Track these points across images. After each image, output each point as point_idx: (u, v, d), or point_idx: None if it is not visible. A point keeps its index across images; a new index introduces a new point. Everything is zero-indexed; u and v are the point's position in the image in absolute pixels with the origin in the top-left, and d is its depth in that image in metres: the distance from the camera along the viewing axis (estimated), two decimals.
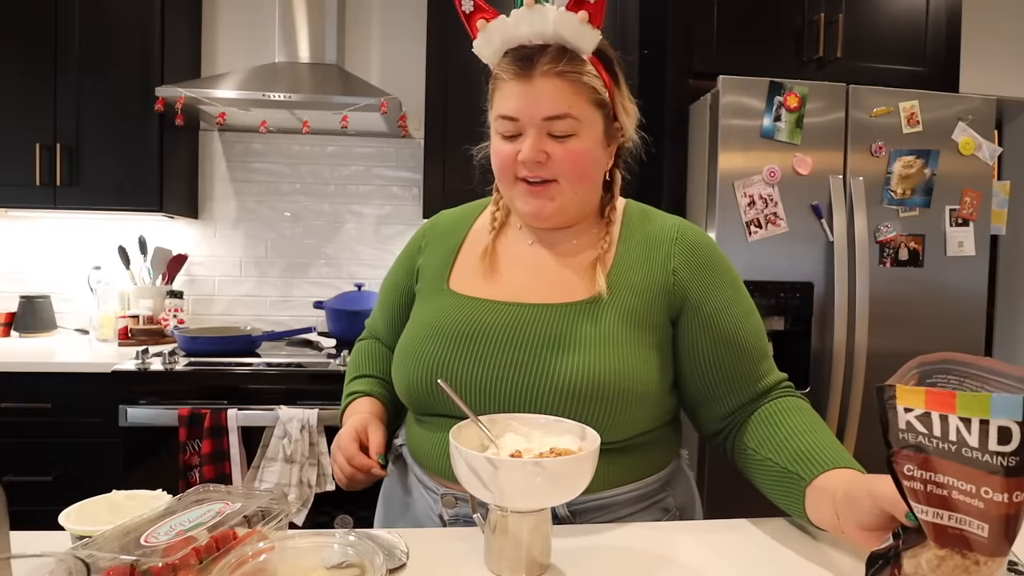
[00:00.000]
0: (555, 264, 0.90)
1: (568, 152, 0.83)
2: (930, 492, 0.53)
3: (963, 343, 2.07)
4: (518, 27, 0.83)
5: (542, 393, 0.81)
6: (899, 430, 0.55)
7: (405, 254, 1.04)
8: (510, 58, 0.84)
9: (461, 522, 0.85)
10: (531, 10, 0.81)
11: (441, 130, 2.32)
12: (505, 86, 0.84)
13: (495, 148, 0.87)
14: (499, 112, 0.84)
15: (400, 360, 0.91)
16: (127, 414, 1.88)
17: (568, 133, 0.82)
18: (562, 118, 0.81)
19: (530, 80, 0.81)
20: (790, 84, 1.95)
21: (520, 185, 0.86)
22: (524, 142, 0.83)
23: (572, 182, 0.85)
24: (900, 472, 0.55)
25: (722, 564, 0.75)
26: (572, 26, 0.81)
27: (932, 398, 0.53)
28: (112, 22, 2.22)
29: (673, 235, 0.90)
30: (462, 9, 0.87)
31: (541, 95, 0.81)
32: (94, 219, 2.55)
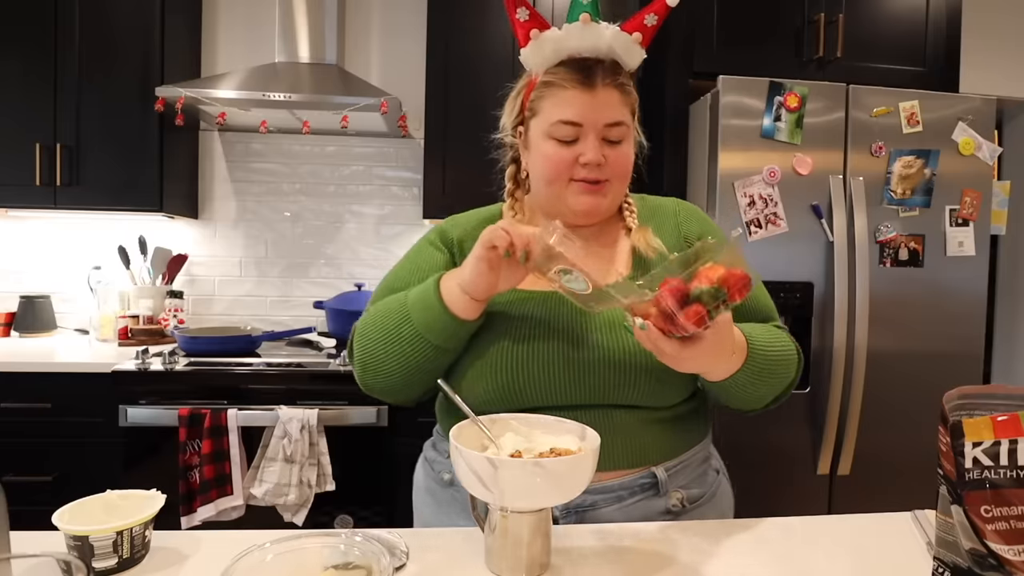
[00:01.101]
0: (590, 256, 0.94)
1: (620, 156, 0.91)
2: (1016, 528, 0.51)
3: (963, 343, 2.07)
4: (570, 40, 0.90)
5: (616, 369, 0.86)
6: (965, 470, 0.53)
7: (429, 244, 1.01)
8: (568, 68, 0.90)
9: (573, 513, 0.88)
10: (586, 26, 0.89)
11: (441, 130, 2.32)
12: (566, 93, 0.89)
13: (548, 152, 0.91)
14: (560, 118, 0.89)
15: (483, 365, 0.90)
16: (127, 414, 1.88)
17: (620, 139, 0.91)
18: (618, 125, 0.90)
19: (593, 89, 0.88)
20: (790, 84, 1.95)
21: (574, 185, 0.92)
22: (585, 145, 0.89)
23: (620, 182, 0.94)
24: (977, 515, 0.53)
25: (722, 564, 0.75)
26: (625, 44, 0.90)
27: (1000, 426, 0.51)
28: (112, 22, 2.22)
29: (675, 208, 1.02)
30: (516, 17, 0.94)
31: (603, 104, 0.88)
32: (94, 219, 2.55)
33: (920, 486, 2.00)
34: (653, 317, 0.70)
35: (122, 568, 0.70)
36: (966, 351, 2.08)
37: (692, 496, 0.92)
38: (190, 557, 0.74)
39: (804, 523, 0.87)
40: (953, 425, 0.56)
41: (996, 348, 2.94)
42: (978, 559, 0.55)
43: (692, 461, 0.94)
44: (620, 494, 0.88)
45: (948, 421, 0.57)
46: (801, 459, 2.00)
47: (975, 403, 0.57)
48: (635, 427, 0.89)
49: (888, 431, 2.01)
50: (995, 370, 2.94)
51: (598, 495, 0.88)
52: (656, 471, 0.89)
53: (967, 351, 2.08)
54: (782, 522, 0.88)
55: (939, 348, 2.05)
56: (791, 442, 2.00)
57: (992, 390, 0.58)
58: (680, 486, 0.91)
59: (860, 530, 0.85)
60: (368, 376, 0.93)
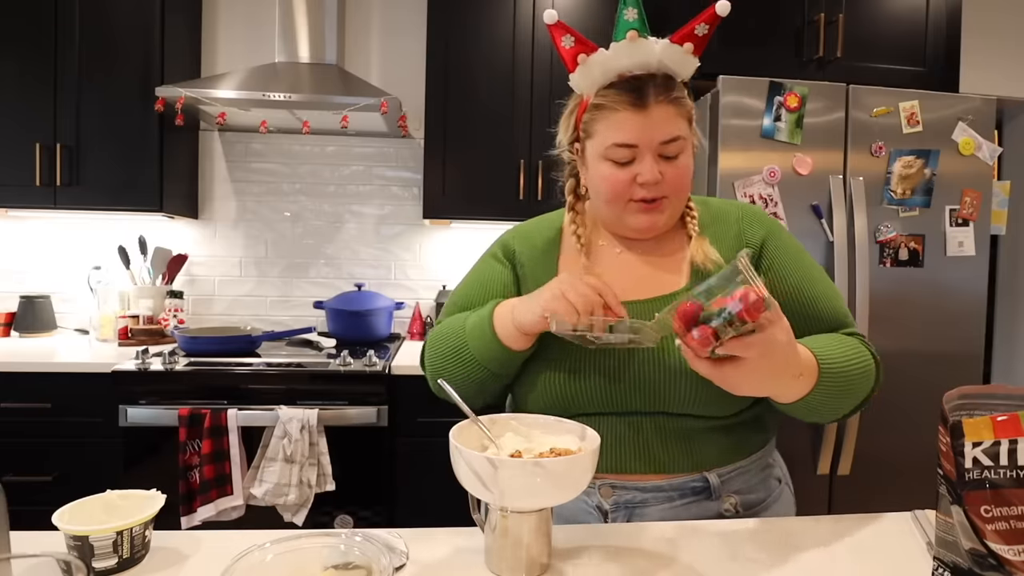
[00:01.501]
0: (649, 266, 0.97)
1: (678, 170, 0.90)
2: (1016, 528, 0.51)
3: (963, 343, 2.07)
4: (619, 59, 0.88)
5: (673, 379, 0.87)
6: (965, 471, 0.53)
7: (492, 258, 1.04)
8: (618, 89, 0.88)
9: (623, 509, 0.90)
10: (634, 43, 0.86)
11: (441, 130, 2.32)
12: (618, 116, 0.88)
13: (605, 174, 0.91)
14: (615, 141, 0.89)
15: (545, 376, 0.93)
16: (127, 414, 1.88)
17: (677, 153, 0.89)
18: (675, 140, 0.88)
19: (646, 109, 0.87)
20: (790, 84, 1.95)
21: (632, 205, 0.92)
22: (642, 166, 0.88)
23: (679, 197, 0.93)
24: (977, 515, 0.53)
25: (722, 563, 0.75)
26: (677, 56, 0.88)
27: (999, 426, 0.51)
28: (112, 22, 2.22)
29: (739, 214, 0.99)
30: (562, 45, 0.91)
31: (657, 122, 0.87)
32: (94, 219, 2.55)
33: (920, 486, 2.00)
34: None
35: (122, 568, 0.70)
36: (966, 351, 2.08)
37: (748, 502, 0.92)
38: (190, 557, 0.74)
39: (804, 523, 0.87)
40: (953, 425, 0.56)
41: (996, 348, 2.94)
42: (978, 559, 0.55)
43: (751, 468, 0.94)
44: (671, 495, 0.89)
45: (948, 421, 0.57)
46: (801, 459, 2.00)
47: (975, 403, 0.57)
48: (691, 434, 0.90)
49: (888, 431, 2.02)
50: (995, 370, 2.94)
51: (649, 493, 0.89)
52: (709, 476, 0.90)
53: (967, 351, 2.08)
54: (782, 522, 0.88)
55: (939, 348, 2.05)
56: (791, 442, 1.99)
57: (992, 390, 0.58)
58: (735, 491, 0.91)
59: (860, 530, 0.85)
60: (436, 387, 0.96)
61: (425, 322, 2.62)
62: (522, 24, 2.32)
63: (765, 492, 0.95)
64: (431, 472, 2.02)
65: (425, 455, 2.03)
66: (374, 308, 2.37)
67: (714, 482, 0.90)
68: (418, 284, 2.70)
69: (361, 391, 1.95)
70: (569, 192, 1.02)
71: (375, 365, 1.97)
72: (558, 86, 2.33)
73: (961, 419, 0.56)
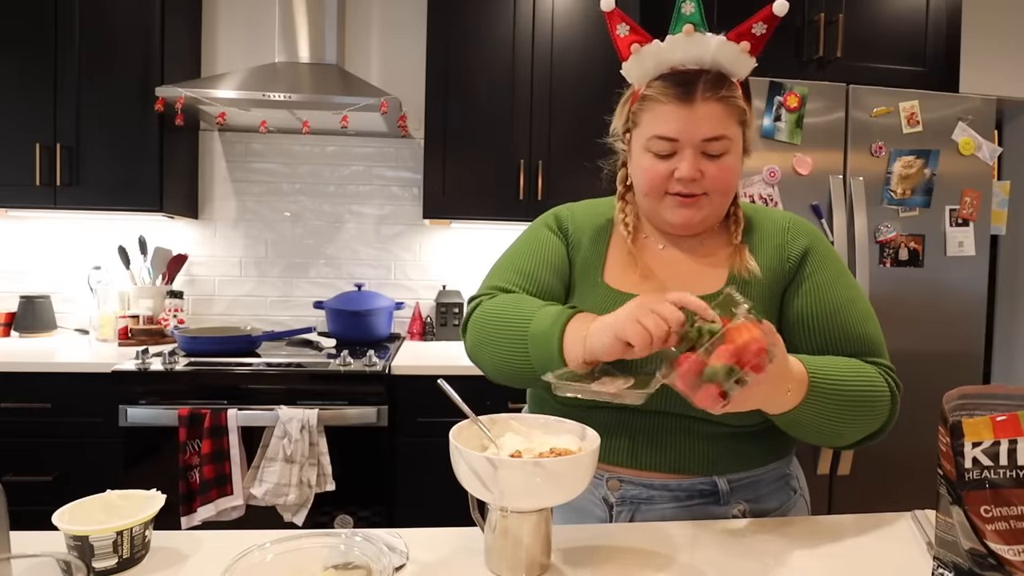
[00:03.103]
0: (693, 264, 0.96)
1: (720, 170, 0.88)
2: (1016, 528, 0.51)
3: (963, 343, 2.07)
4: (673, 52, 0.87)
5: None
6: (965, 471, 0.53)
7: (546, 227, 1.02)
8: (667, 82, 0.87)
9: (628, 504, 0.89)
10: (691, 38, 0.86)
11: (441, 130, 2.32)
12: (663, 108, 0.87)
13: (645, 166, 0.90)
14: (656, 133, 0.88)
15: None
16: (127, 414, 1.88)
17: (721, 152, 0.87)
18: (719, 139, 0.86)
19: (692, 104, 0.85)
20: (790, 84, 1.95)
21: (669, 199, 0.91)
22: (681, 161, 0.87)
23: (720, 195, 0.90)
24: (977, 515, 0.53)
25: (722, 563, 0.75)
26: (732, 55, 0.86)
27: (999, 426, 0.51)
28: (112, 22, 2.22)
29: (785, 226, 0.97)
30: (616, 33, 0.90)
31: (702, 119, 0.85)
32: (94, 219, 2.55)
33: (920, 486, 2.00)
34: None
35: (122, 568, 0.70)
36: (966, 351, 2.08)
37: (760, 510, 0.91)
38: (190, 557, 0.74)
39: (804, 523, 0.87)
40: (953, 425, 0.56)
41: (996, 348, 2.94)
42: (978, 559, 0.55)
43: (765, 477, 0.93)
44: (678, 494, 0.89)
45: (948, 421, 0.57)
46: (801, 459, 1.99)
47: (975, 403, 0.57)
48: (712, 438, 0.89)
49: None
50: (995, 370, 2.94)
51: (656, 491, 0.89)
52: (718, 480, 0.89)
53: (967, 351, 2.08)
54: (782, 522, 0.88)
55: (939, 348, 2.05)
56: None
57: (992, 390, 0.58)
58: (745, 499, 0.91)
59: (860, 530, 0.85)
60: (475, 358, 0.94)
61: (425, 322, 2.62)
62: (522, 24, 2.32)
63: (778, 502, 0.94)
64: (431, 472, 2.02)
65: (425, 455, 2.03)
66: (374, 308, 2.37)
67: (723, 487, 0.89)
68: (418, 284, 2.70)
69: (361, 391, 1.95)
70: (620, 182, 1.01)
71: (375, 365, 1.97)
72: (558, 86, 2.33)
73: (961, 419, 0.56)
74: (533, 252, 0.98)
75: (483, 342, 0.90)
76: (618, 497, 0.90)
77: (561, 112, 2.34)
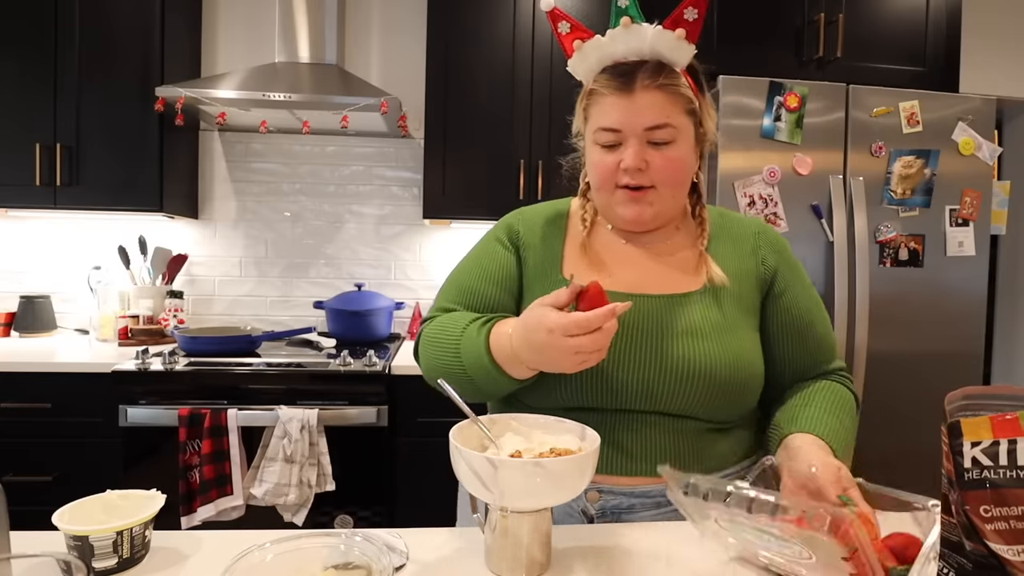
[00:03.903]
0: (656, 261, 0.96)
1: (666, 160, 0.88)
2: (1016, 529, 0.51)
3: (963, 343, 2.07)
4: (614, 45, 0.88)
5: (677, 380, 0.86)
6: (964, 470, 0.53)
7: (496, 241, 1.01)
8: (608, 74, 0.88)
9: (609, 515, 0.88)
10: (628, 30, 0.87)
11: (441, 130, 2.32)
12: (605, 100, 0.88)
13: (595, 160, 0.91)
14: (600, 125, 0.89)
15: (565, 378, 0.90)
16: (127, 414, 1.88)
17: (667, 141, 0.88)
18: (662, 127, 0.87)
19: (632, 94, 0.86)
20: (790, 84, 1.95)
21: (619, 193, 0.91)
22: (626, 151, 0.87)
23: (669, 188, 0.90)
24: (977, 515, 0.53)
25: (723, 563, 0.75)
26: (669, 43, 0.87)
27: (998, 425, 0.51)
28: (112, 22, 2.22)
29: (756, 230, 0.99)
30: (558, 31, 0.92)
31: (642, 107, 0.86)
32: (94, 219, 2.55)
33: (920, 486, 2.00)
34: None
35: (122, 568, 0.70)
36: (966, 351, 2.08)
37: None
38: (190, 557, 0.74)
39: None
40: (951, 425, 0.55)
41: (996, 348, 2.94)
42: (979, 559, 0.55)
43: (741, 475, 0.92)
44: (659, 500, 0.88)
45: (947, 421, 0.56)
46: None
47: (978, 404, 0.57)
48: (684, 436, 0.89)
49: (888, 431, 2.02)
50: (995, 370, 2.94)
51: (636, 499, 0.88)
52: None
53: (967, 351, 2.08)
54: None
55: (939, 348, 2.05)
56: None
57: (996, 391, 0.58)
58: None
59: None
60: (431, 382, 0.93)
61: None
62: (522, 24, 2.32)
63: None
64: (431, 472, 2.02)
65: (425, 455, 2.03)
66: (374, 308, 2.37)
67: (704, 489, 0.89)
68: (418, 284, 2.70)
69: (361, 391, 1.95)
70: (583, 179, 1.01)
71: (375, 365, 1.97)
72: (558, 86, 2.33)
73: (959, 419, 0.55)
74: (477, 268, 0.99)
75: (430, 371, 0.92)
76: (598, 508, 0.88)
77: (561, 112, 2.34)
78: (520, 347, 0.79)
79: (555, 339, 0.74)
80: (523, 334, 0.78)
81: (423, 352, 0.96)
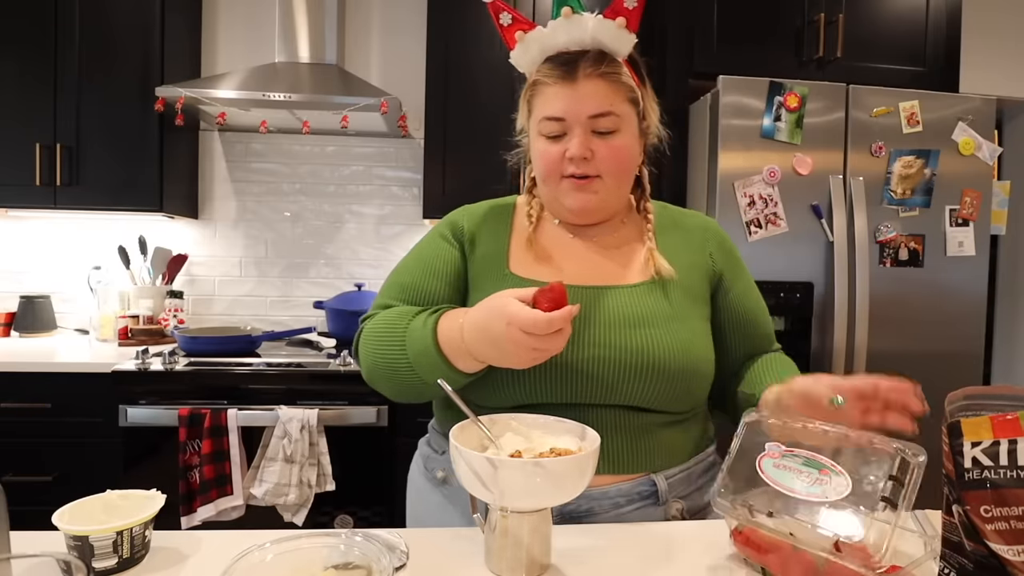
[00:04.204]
0: (602, 254, 0.96)
1: (611, 148, 0.88)
2: (1016, 529, 0.51)
3: (963, 343, 2.07)
4: (556, 36, 0.89)
5: (629, 370, 0.85)
6: (964, 470, 0.53)
7: (440, 237, 0.99)
8: (551, 64, 0.89)
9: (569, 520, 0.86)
10: (569, 20, 0.87)
11: (441, 130, 2.32)
12: (549, 90, 0.89)
13: (540, 150, 0.91)
14: (544, 114, 0.89)
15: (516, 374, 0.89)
16: (127, 414, 1.88)
17: (611, 129, 0.88)
18: (606, 115, 0.87)
19: (574, 82, 0.87)
20: (790, 84, 1.95)
21: (565, 183, 0.91)
22: (571, 140, 0.88)
23: (615, 177, 0.90)
24: (977, 515, 0.53)
25: (724, 563, 0.75)
26: (610, 32, 0.88)
27: (998, 425, 0.51)
28: (112, 22, 2.22)
29: (703, 225, 1.01)
30: (500, 23, 0.92)
31: (585, 95, 0.86)
32: (94, 219, 2.55)
33: (920, 486, 2.00)
34: None
35: (122, 568, 0.70)
36: (966, 351, 2.08)
37: (693, 507, 0.90)
38: (190, 557, 0.74)
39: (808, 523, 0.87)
40: (951, 425, 0.56)
41: (996, 348, 2.94)
42: (979, 559, 0.55)
43: (695, 471, 0.92)
44: (618, 500, 0.86)
45: (947, 421, 0.57)
46: None
47: (980, 404, 0.57)
48: (640, 430, 0.87)
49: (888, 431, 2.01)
50: (995, 370, 2.94)
51: (595, 501, 0.85)
52: (656, 479, 0.87)
53: (967, 351, 2.08)
54: None
55: (939, 348, 2.05)
56: None
57: (997, 391, 0.58)
58: (680, 496, 0.89)
59: None
60: (370, 381, 0.93)
61: None
62: None
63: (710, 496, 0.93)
64: None
65: None
66: None
67: (662, 486, 0.87)
68: None
69: (361, 391, 1.95)
70: (528, 176, 1.01)
71: None
72: None
73: (959, 419, 0.56)
74: (420, 265, 0.97)
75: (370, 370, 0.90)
76: (556, 514, 0.83)
77: None
78: (474, 337, 0.78)
79: (512, 332, 0.73)
80: (481, 321, 0.77)
81: (363, 349, 0.93)
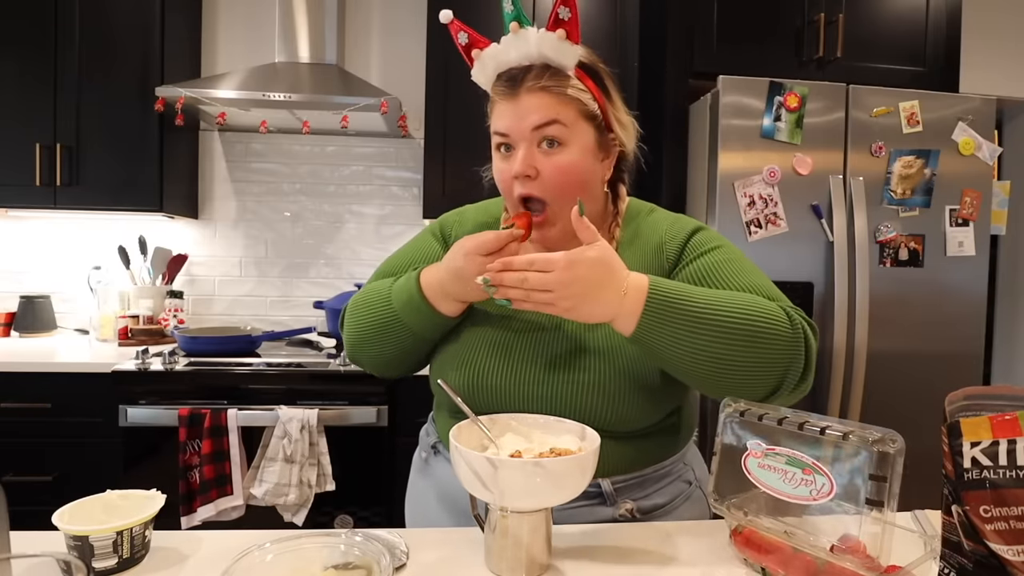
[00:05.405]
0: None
1: (556, 166, 0.85)
2: (1016, 529, 0.51)
3: (963, 343, 2.07)
4: (507, 52, 0.89)
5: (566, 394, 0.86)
6: (964, 470, 0.53)
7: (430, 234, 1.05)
8: (500, 80, 0.89)
9: None
10: (516, 35, 0.87)
11: (441, 130, 2.32)
12: (498, 106, 0.89)
13: (495, 168, 0.92)
14: (494, 129, 0.90)
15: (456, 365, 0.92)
16: (127, 414, 1.88)
17: (557, 140, 0.85)
18: (548, 125, 0.85)
19: (516, 97, 0.86)
20: (790, 84, 1.95)
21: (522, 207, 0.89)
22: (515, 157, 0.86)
23: (560, 201, 0.87)
24: (977, 515, 0.53)
25: (725, 563, 0.75)
26: (553, 45, 0.86)
27: (998, 425, 0.51)
28: (112, 22, 2.22)
29: (665, 227, 0.96)
30: (459, 42, 0.93)
31: (527, 109, 0.85)
32: (94, 219, 2.55)
33: (920, 486, 2.00)
34: None
35: (122, 568, 0.70)
36: (966, 351, 2.08)
37: (646, 507, 0.90)
38: (190, 557, 0.74)
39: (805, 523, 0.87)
40: (951, 425, 0.56)
41: (996, 348, 2.94)
42: (979, 559, 0.55)
43: (650, 477, 0.91)
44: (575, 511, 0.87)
45: (947, 421, 0.57)
46: None
47: (980, 404, 0.57)
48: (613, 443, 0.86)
49: None
50: (995, 370, 2.94)
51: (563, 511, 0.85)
52: (602, 483, 0.87)
53: (967, 351, 2.08)
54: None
55: (939, 348, 2.05)
56: None
57: (997, 391, 0.58)
58: (631, 498, 0.89)
59: None
60: (355, 351, 0.98)
61: None
62: None
63: (669, 496, 0.93)
64: None
65: None
66: None
67: (607, 489, 0.88)
68: None
69: (361, 391, 1.95)
70: None
71: None
72: None
73: (959, 419, 0.56)
74: (409, 258, 1.02)
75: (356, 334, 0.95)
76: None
77: None
78: (445, 275, 0.85)
79: (470, 261, 0.80)
80: (449, 260, 0.85)
81: (349, 318, 0.97)
